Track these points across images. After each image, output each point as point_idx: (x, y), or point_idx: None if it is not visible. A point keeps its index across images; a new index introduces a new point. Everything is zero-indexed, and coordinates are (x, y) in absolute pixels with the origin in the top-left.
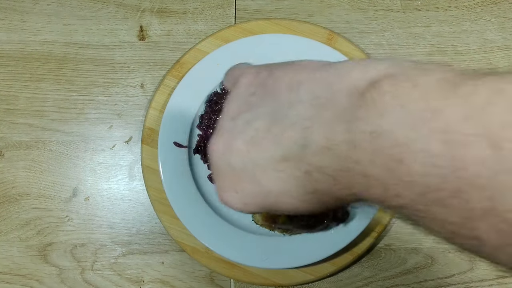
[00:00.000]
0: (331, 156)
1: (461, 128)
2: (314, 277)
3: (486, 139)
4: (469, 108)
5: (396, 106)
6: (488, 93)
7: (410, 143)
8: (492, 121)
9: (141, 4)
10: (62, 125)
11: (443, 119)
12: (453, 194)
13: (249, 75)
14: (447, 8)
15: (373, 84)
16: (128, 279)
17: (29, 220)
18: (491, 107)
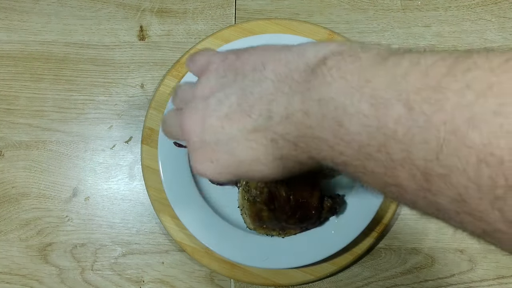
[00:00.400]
0: (290, 124)
1: (384, 93)
2: (314, 277)
3: (402, 101)
4: (391, 77)
5: (338, 78)
6: (407, 65)
7: (347, 108)
8: (408, 87)
9: (141, 4)
10: (62, 125)
11: (371, 87)
12: (379, 148)
13: (218, 60)
14: (447, 8)
15: (323, 60)
16: (128, 279)
17: (29, 220)
18: (407, 76)
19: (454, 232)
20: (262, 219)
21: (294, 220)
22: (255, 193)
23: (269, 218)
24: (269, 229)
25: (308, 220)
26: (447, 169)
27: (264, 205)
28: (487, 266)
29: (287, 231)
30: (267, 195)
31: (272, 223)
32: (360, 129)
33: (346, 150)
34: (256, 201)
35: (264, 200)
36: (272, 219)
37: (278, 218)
